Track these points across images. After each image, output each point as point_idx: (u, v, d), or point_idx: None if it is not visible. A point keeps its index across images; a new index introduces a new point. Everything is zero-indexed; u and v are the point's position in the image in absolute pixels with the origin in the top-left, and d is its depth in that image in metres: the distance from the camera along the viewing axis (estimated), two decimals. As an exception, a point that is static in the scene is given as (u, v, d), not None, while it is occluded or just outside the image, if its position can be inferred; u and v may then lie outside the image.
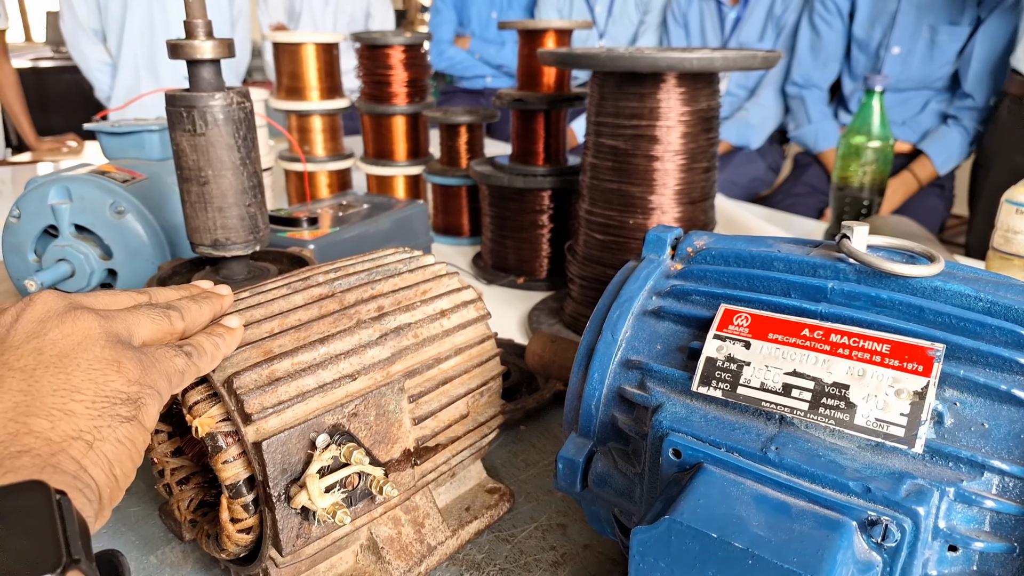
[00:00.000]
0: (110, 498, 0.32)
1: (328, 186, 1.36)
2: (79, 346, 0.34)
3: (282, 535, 0.41)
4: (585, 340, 0.46)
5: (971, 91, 1.78)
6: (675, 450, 0.37)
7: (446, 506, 0.55)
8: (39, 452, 0.29)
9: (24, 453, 0.29)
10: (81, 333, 0.34)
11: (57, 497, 0.27)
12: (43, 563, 0.25)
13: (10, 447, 0.29)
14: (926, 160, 1.85)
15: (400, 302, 0.50)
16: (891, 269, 0.38)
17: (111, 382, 0.33)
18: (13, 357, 0.32)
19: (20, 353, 0.33)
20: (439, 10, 2.79)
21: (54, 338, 0.34)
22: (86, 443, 0.31)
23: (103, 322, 0.35)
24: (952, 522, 0.33)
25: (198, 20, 0.57)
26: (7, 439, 0.29)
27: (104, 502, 0.31)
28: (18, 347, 0.33)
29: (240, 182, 0.61)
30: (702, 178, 0.81)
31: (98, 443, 0.31)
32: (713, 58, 0.71)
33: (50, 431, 0.30)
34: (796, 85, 2.04)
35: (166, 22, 2.27)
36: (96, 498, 0.31)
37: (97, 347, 0.34)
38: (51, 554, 0.25)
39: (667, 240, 0.48)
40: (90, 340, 0.34)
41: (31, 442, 0.30)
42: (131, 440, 0.33)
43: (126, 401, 0.33)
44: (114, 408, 0.33)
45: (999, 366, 0.34)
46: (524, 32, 1.07)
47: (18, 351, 0.33)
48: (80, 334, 0.34)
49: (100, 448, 0.31)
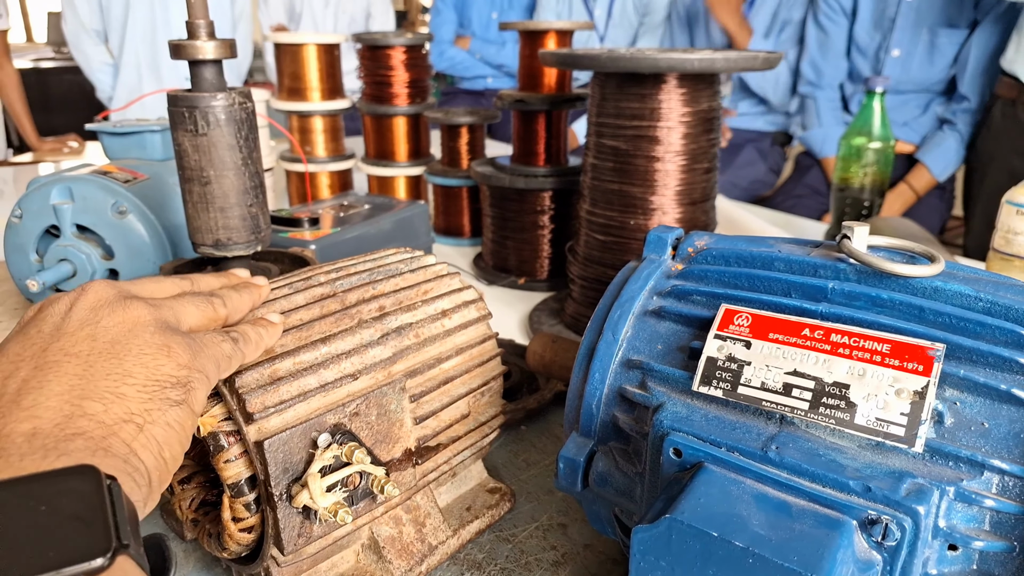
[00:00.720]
0: (159, 481, 0.33)
1: (329, 187, 1.37)
2: (130, 332, 0.35)
3: (284, 534, 0.41)
4: (586, 340, 0.46)
5: (967, 93, 1.78)
6: (676, 449, 0.37)
7: (447, 506, 0.55)
8: (92, 435, 0.30)
9: (78, 436, 0.30)
10: (132, 320, 0.35)
11: (108, 482, 0.27)
12: (93, 548, 0.25)
13: (65, 429, 0.30)
14: (922, 170, 1.85)
15: (401, 302, 0.51)
16: (891, 269, 0.38)
17: (161, 366, 0.34)
18: (69, 343, 0.33)
19: (75, 339, 0.34)
20: (440, 11, 2.79)
21: (107, 325, 0.35)
22: (137, 426, 0.32)
23: (152, 310, 0.37)
24: (952, 521, 0.33)
25: (200, 20, 0.57)
26: (63, 421, 0.30)
27: (153, 486, 0.32)
28: (73, 334, 0.34)
29: (242, 182, 0.61)
30: (703, 179, 0.81)
31: (148, 426, 0.32)
32: (714, 59, 0.71)
33: (103, 414, 0.31)
34: (810, 84, 2.03)
35: (168, 22, 2.27)
36: (146, 482, 0.31)
37: (147, 333, 0.35)
38: (101, 539, 0.25)
39: (668, 240, 0.48)
40: (141, 327, 0.35)
41: (85, 425, 0.30)
42: (180, 423, 0.34)
43: (176, 385, 0.34)
44: (164, 392, 0.34)
45: (999, 366, 0.34)
46: (525, 33, 1.07)
47: (73, 337, 0.34)
48: (131, 321, 0.35)
49: (150, 431, 0.32)
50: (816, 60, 1.99)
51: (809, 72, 2.01)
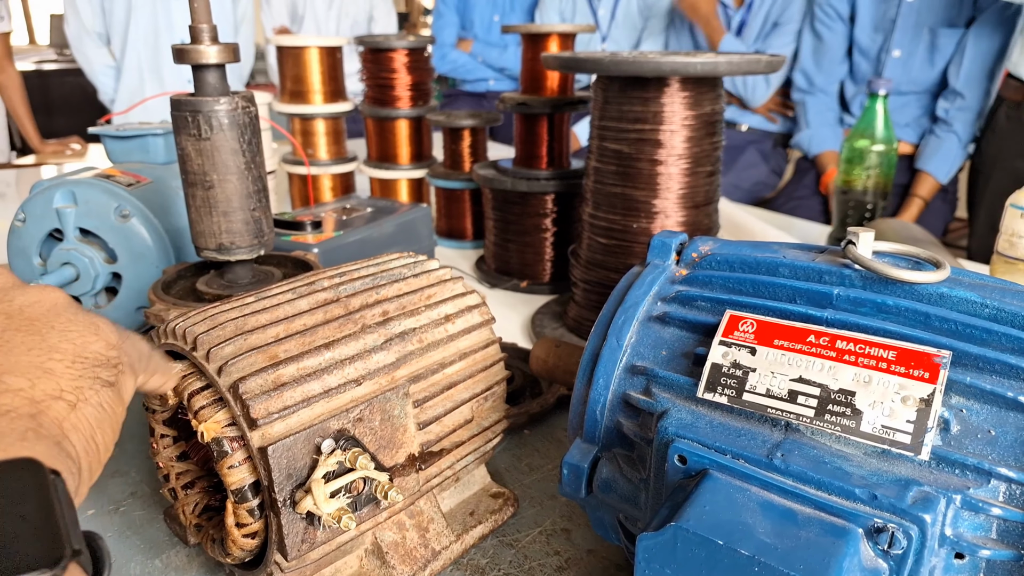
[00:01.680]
0: (90, 472, 0.29)
1: (331, 189, 1.37)
2: (50, 311, 0.32)
3: (287, 540, 0.41)
4: (590, 346, 0.46)
5: (963, 91, 1.78)
6: (681, 456, 0.37)
7: (450, 511, 0.55)
8: (20, 412, 0.27)
9: (3, 415, 0.26)
10: (50, 300, 0.33)
11: (51, 477, 0.24)
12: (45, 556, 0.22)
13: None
14: (926, 178, 1.84)
15: (405, 307, 0.51)
16: (897, 275, 0.38)
17: (90, 344, 0.31)
18: None
19: None
20: (442, 14, 2.79)
21: (21, 304, 0.32)
22: (68, 404, 0.29)
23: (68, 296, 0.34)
24: (959, 529, 0.33)
25: (203, 25, 0.57)
26: None
27: (83, 477, 0.29)
28: None
29: (245, 186, 0.61)
30: (706, 182, 0.81)
31: (81, 405, 0.29)
32: (717, 63, 0.71)
33: (30, 389, 0.28)
34: (800, 90, 2.04)
35: (170, 26, 2.27)
36: (77, 470, 0.28)
37: (70, 312, 0.33)
38: (53, 546, 0.23)
39: (672, 245, 0.48)
40: (61, 307, 0.33)
41: (11, 401, 0.27)
42: (112, 408, 0.31)
43: (106, 364, 0.31)
44: (95, 370, 0.31)
45: (1005, 373, 0.34)
46: (527, 36, 1.07)
47: None
48: (49, 301, 0.33)
49: (82, 411, 0.29)
50: (807, 69, 2.00)
51: (801, 80, 2.03)
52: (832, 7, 1.92)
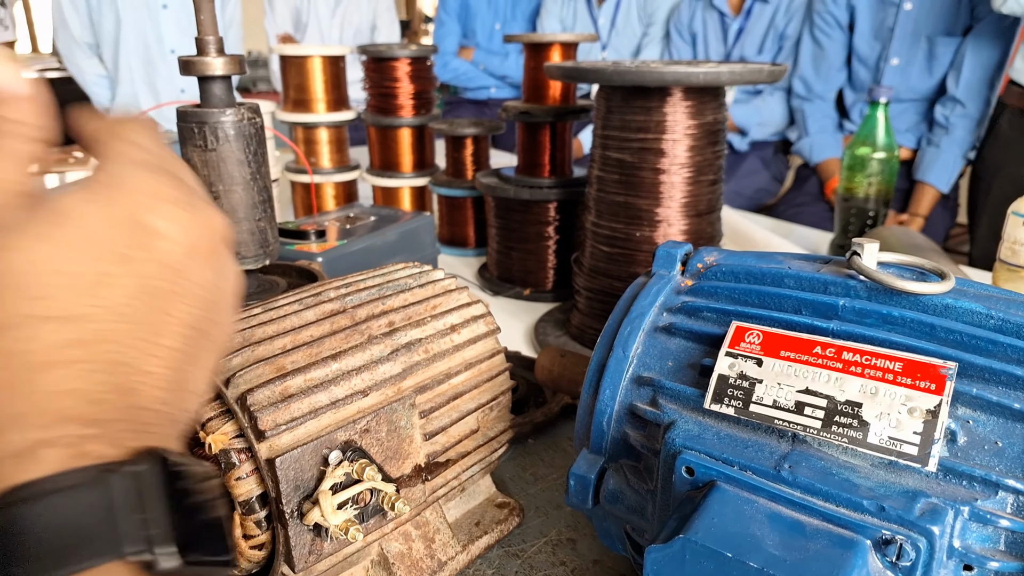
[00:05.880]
0: None
1: (334, 197, 1.37)
2: None
3: (295, 552, 0.41)
4: (596, 356, 0.46)
5: (963, 99, 1.79)
6: (688, 468, 0.37)
7: (456, 521, 0.55)
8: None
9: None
10: None
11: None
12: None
13: None
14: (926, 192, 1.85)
15: (411, 317, 0.51)
16: (902, 287, 0.38)
17: None
18: None
19: None
20: (443, 22, 2.80)
21: None
22: None
23: None
24: (967, 541, 0.33)
25: (210, 37, 0.58)
26: None
27: None
28: None
29: (250, 197, 0.61)
30: (708, 191, 0.82)
31: None
32: (719, 72, 0.71)
33: None
34: (799, 97, 2.05)
35: (160, 38, 2.26)
36: None
37: None
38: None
39: (677, 256, 0.48)
40: None
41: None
42: None
43: None
44: None
45: (1012, 384, 0.34)
46: (529, 45, 1.07)
47: None
48: None
49: None
50: (807, 77, 2.02)
51: (800, 88, 2.04)
52: (831, 15, 1.93)
